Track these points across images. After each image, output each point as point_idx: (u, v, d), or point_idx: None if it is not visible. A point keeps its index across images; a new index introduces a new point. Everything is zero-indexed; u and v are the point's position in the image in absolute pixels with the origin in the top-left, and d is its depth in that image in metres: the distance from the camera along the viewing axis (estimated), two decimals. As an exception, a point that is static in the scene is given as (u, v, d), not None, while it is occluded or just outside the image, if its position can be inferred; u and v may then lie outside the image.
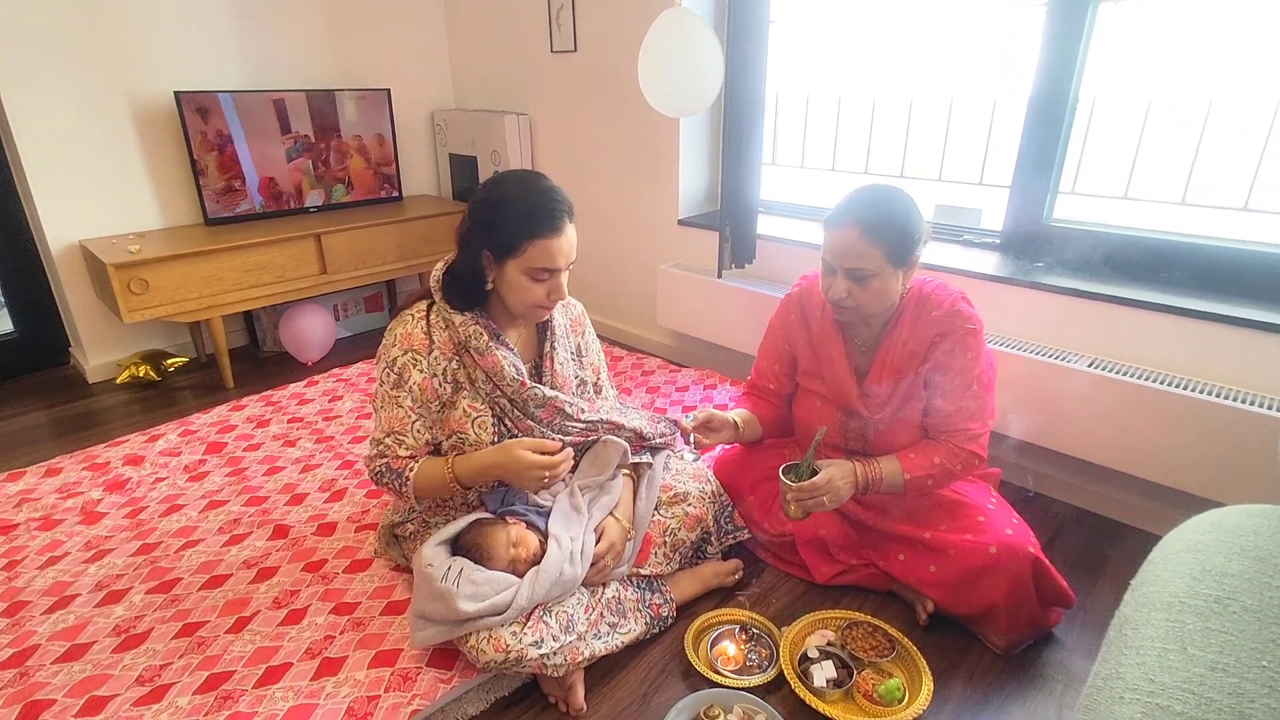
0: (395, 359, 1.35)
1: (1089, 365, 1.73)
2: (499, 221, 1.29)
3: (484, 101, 3.29)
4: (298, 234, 2.69)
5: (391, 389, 1.36)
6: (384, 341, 1.39)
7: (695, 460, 1.67)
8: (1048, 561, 1.38)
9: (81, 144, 2.53)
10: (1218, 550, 1.00)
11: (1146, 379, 1.65)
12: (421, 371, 1.35)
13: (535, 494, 1.45)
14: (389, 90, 3.09)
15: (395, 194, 3.26)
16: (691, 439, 1.51)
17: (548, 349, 1.48)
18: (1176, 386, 1.62)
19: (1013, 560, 1.36)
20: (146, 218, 2.74)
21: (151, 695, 1.22)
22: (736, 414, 1.62)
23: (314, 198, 3.02)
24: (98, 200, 2.61)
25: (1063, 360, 1.76)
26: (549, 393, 1.42)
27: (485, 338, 1.36)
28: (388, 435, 1.36)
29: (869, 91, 2.32)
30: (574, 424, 1.48)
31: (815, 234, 2.37)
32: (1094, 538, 1.78)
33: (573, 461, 1.37)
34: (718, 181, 2.74)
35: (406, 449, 1.36)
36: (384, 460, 1.37)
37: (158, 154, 2.70)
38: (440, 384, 1.37)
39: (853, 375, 1.53)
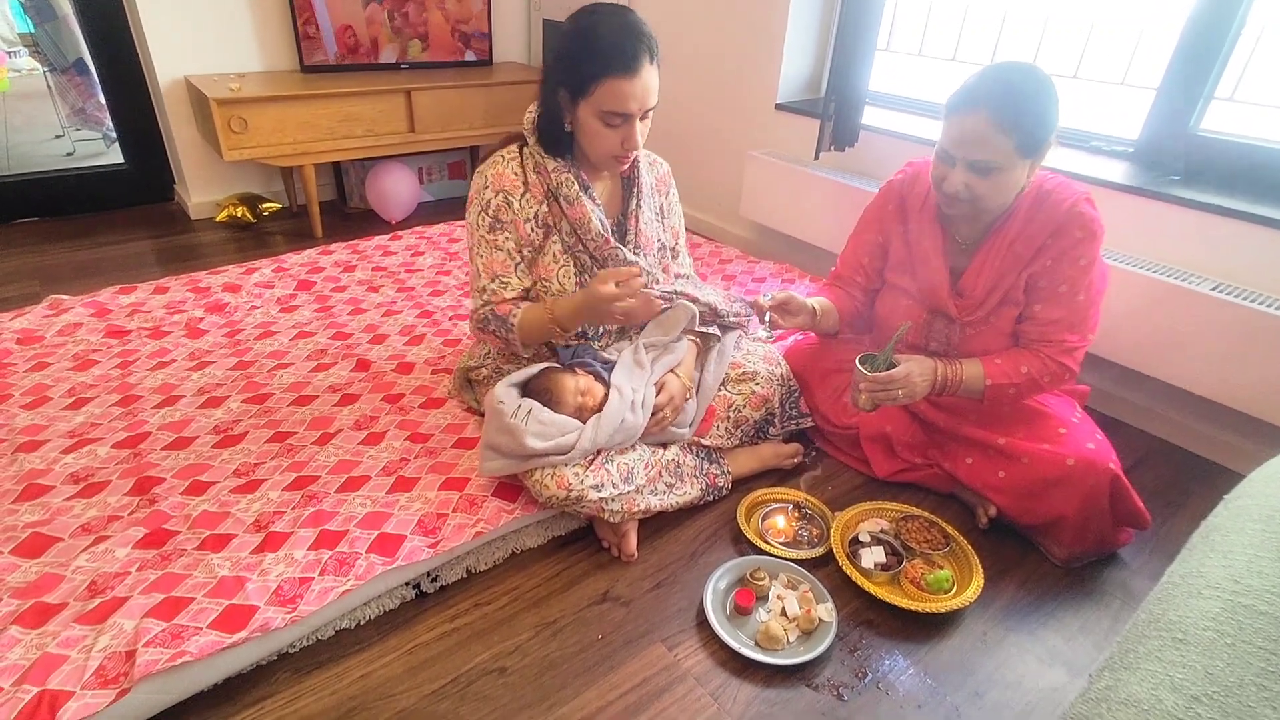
0: (488, 201, 1.34)
1: (1213, 289, 1.58)
2: (574, 56, 1.23)
3: (583, -37, 3.11)
4: (389, 88, 2.68)
5: (488, 233, 1.35)
6: (474, 184, 1.38)
7: (769, 338, 1.64)
8: (1127, 481, 1.32)
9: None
10: (1331, 474, 0.93)
11: (1270, 305, 1.51)
12: (515, 213, 1.34)
13: (604, 349, 1.47)
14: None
15: (485, 57, 3.19)
16: (767, 318, 1.48)
17: (633, 206, 1.45)
18: (1311, 320, 1.47)
19: (1091, 474, 1.31)
20: (247, 59, 2.77)
21: (247, 486, 1.34)
22: (816, 301, 1.56)
23: (388, 53, 2.95)
24: (203, 37, 2.65)
25: (1184, 280, 1.61)
26: (630, 255, 1.41)
27: (575, 186, 1.34)
28: (492, 280, 1.36)
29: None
30: (648, 291, 1.46)
31: (922, 128, 2.20)
32: (1180, 472, 1.70)
33: (646, 292, 1.33)
34: (823, 68, 2.56)
35: (512, 290, 1.37)
36: (489, 307, 1.37)
37: (259, -7, 2.69)
38: (533, 227, 1.37)
39: (947, 273, 1.44)
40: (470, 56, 3.17)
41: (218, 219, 2.80)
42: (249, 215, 2.78)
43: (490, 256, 1.36)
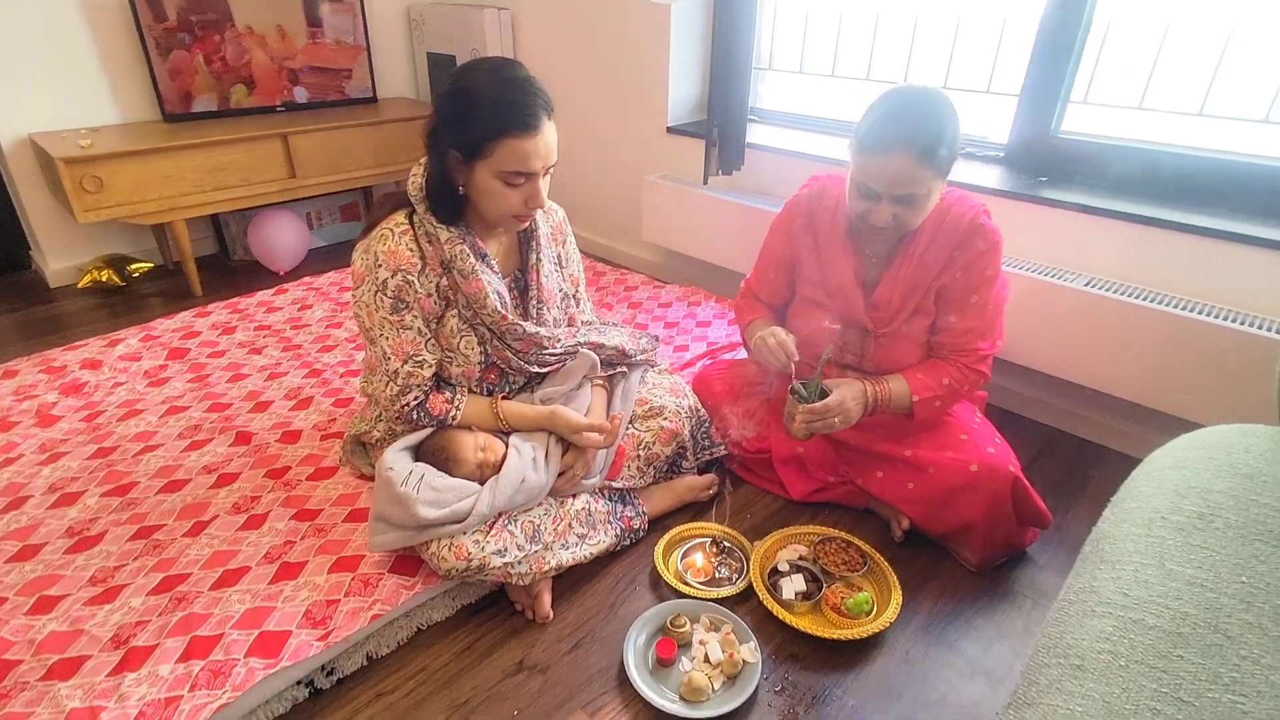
0: (385, 281, 1.23)
1: (1086, 284, 1.66)
2: (466, 117, 1.16)
3: (463, -6, 3.05)
4: (263, 133, 2.53)
5: (390, 313, 1.25)
6: (362, 261, 1.26)
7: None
8: (1027, 482, 1.35)
9: (27, 31, 2.33)
10: (1204, 467, 0.96)
11: (1143, 298, 1.59)
12: (417, 291, 1.25)
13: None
14: (359, -22, 2.86)
15: (369, 94, 3.07)
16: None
17: (533, 260, 1.39)
18: (1175, 306, 1.55)
19: (992, 479, 1.33)
20: (102, 111, 2.56)
21: (104, 595, 1.19)
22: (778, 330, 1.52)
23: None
24: (48, 91, 2.43)
25: (1059, 279, 1.68)
26: (530, 329, 1.34)
27: (470, 259, 1.26)
28: (405, 362, 1.27)
29: (872, 5, 2.14)
30: (551, 354, 1.41)
31: (810, 144, 2.24)
32: (1076, 460, 1.76)
33: (615, 434, 1.38)
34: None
35: (428, 368, 1.29)
36: (413, 396, 1.29)
37: (109, 43, 2.50)
38: (435, 301, 1.28)
39: (860, 287, 1.45)
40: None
41: (80, 285, 2.56)
42: (116, 278, 2.56)
43: (398, 337, 1.26)
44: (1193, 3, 1.66)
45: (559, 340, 1.41)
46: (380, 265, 1.23)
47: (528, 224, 1.34)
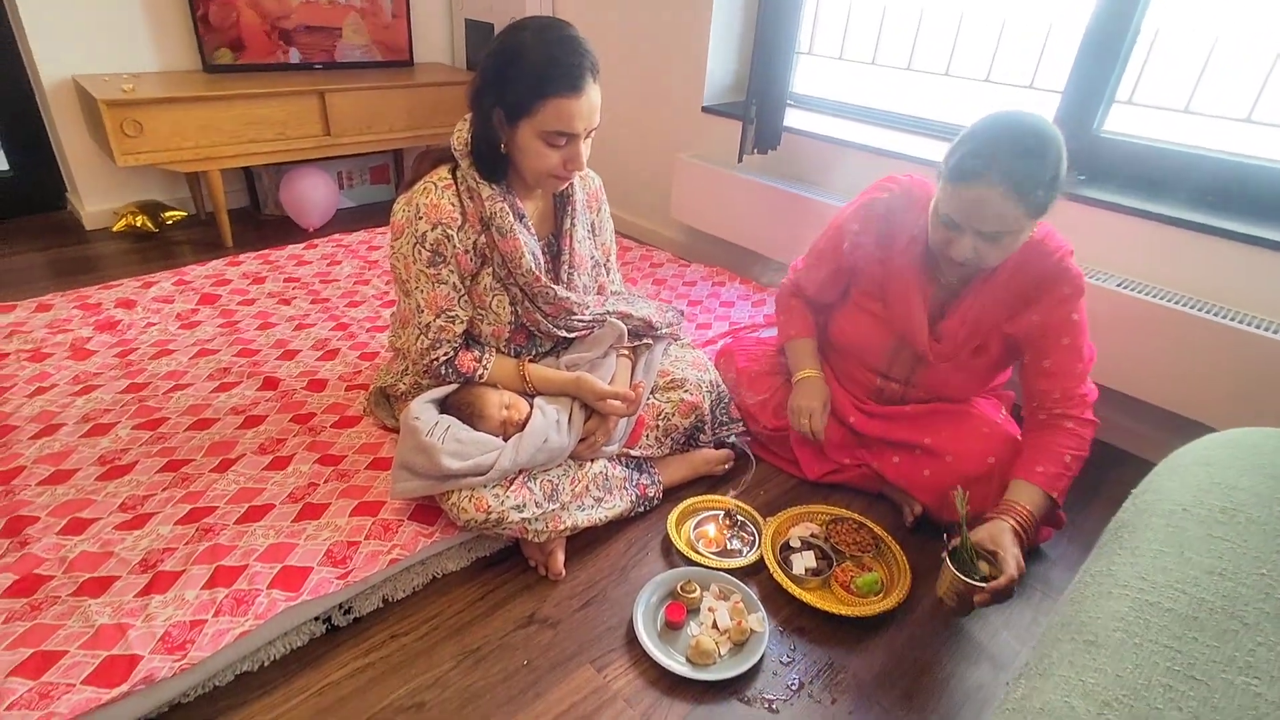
0: (424, 234, 1.23)
1: (1118, 285, 1.64)
2: (511, 76, 1.16)
3: (505, -38, 3.04)
4: (300, 89, 2.55)
5: (428, 266, 1.25)
6: (404, 213, 1.26)
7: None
8: (1044, 480, 1.34)
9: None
10: (1230, 465, 0.95)
11: (1176, 301, 1.57)
12: (455, 247, 1.25)
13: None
14: (403, -61, 2.86)
15: (405, 58, 3.08)
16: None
17: (567, 225, 1.40)
18: (1206, 311, 1.54)
19: (1008, 470, 1.33)
20: (144, 58, 2.59)
21: (133, 522, 1.23)
22: (813, 363, 1.55)
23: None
24: (92, 35, 2.46)
25: (1092, 278, 1.67)
26: (561, 293, 1.35)
27: (509, 217, 1.27)
28: (438, 316, 1.28)
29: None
30: (579, 320, 1.42)
31: (846, 130, 2.23)
32: (1093, 462, 1.73)
33: (638, 402, 1.38)
34: (748, 70, 2.56)
35: (460, 324, 1.30)
36: (443, 351, 1.30)
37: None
38: (471, 258, 1.29)
39: (927, 316, 1.36)
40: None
41: (115, 229, 2.60)
42: (150, 224, 2.60)
43: (433, 291, 1.27)
44: (1244, 13, 1.63)
45: (588, 307, 1.43)
46: (421, 217, 1.24)
47: (566, 185, 1.34)
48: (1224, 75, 1.69)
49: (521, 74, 1.16)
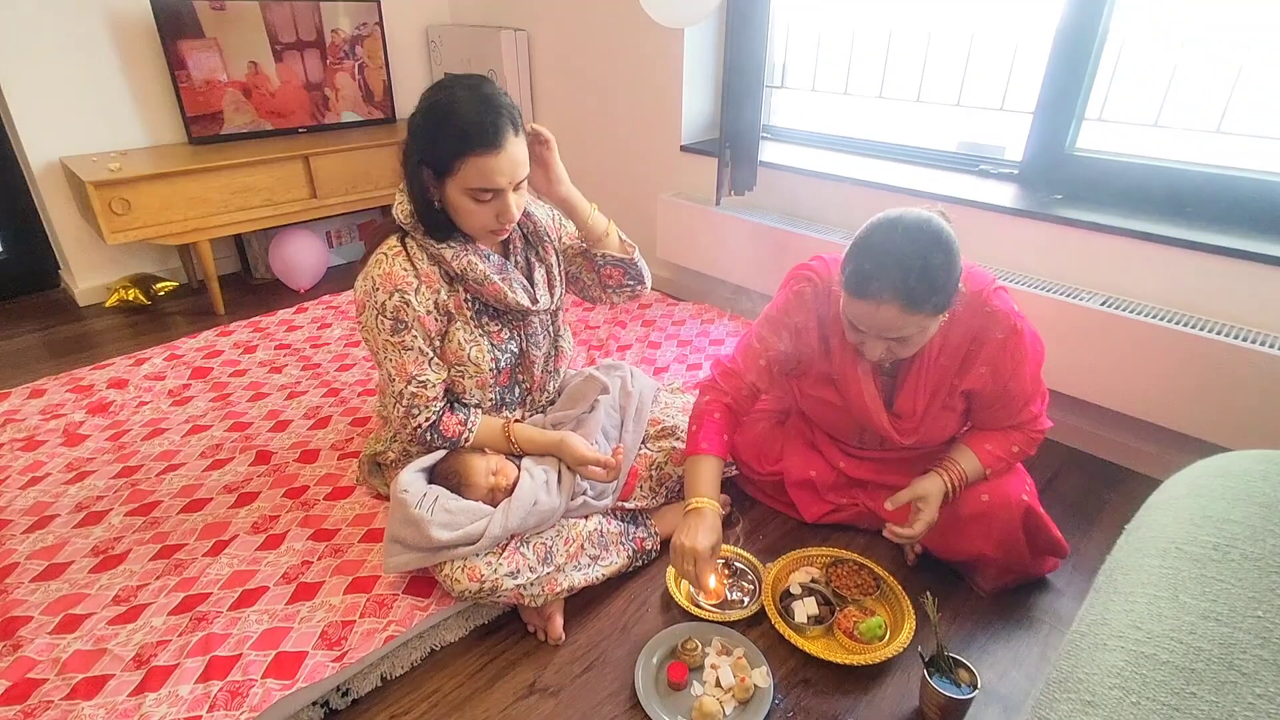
0: (383, 303, 1.25)
1: (1103, 304, 1.64)
2: (432, 136, 1.18)
3: (480, 16, 3.11)
4: (285, 155, 2.59)
5: (391, 335, 1.27)
6: (360, 289, 1.29)
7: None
8: (1042, 511, 1.32)
9: (57, 56, 2.41)
10: (1221, 495, 0.94)
11: (1162, 318, 1.57)
12: (415, 310, 1.26)
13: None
14: (379, 1, 2.92)
15: (388, 116, 3.13)
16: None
17: (533, 253, 1.43)
18: (1194, 327, 1.53)
19: (1004, 509, 1.31)
20: (130, 134, 2.64)
21: (127, 615, 1.22)
22: (713, 493, 1.34)
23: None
24: (78, 116, 2.50)
25: (1075, 298, 1.67)
26: (543, 306, 1.39)
27: (480, 267, 1.28)
28: (409, 383, 1.28)
29: (886, 22, 2.15)
30: (564, 342, 1.45)
31: (824, 162, 2.25)
32: (1093, 482, 1.74)
33: (618, 469, 1.37)
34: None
35: (433, 388, 1.30)
36: (425, 418, 1.30)
37: (137, 68, 2.57)
38: (435, 318, 1.30)
39: (880, 402, 1.36)
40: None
41: (108, 304, 2.63)
42: (142, 297, 2.63)
43: (400, 359, 1.28)
44: (1207, 19, 1.66)
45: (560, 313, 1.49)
46: (378, 289, 1.25)
47: (505, 236, 1.33)
48: (1192, 87, 1.71)
49: (441, 134, 1.18)
